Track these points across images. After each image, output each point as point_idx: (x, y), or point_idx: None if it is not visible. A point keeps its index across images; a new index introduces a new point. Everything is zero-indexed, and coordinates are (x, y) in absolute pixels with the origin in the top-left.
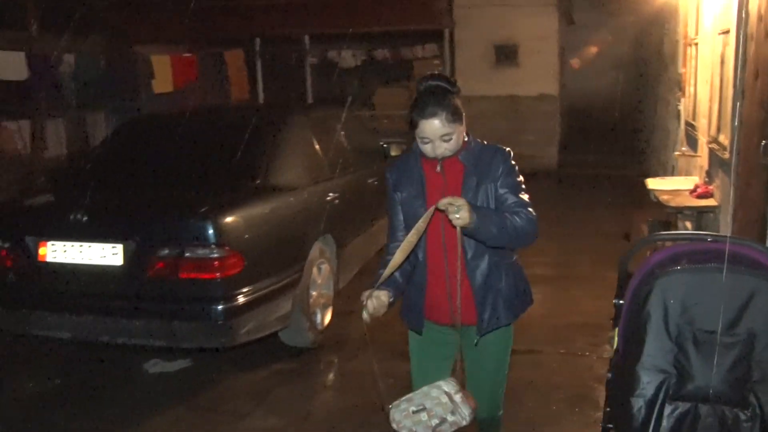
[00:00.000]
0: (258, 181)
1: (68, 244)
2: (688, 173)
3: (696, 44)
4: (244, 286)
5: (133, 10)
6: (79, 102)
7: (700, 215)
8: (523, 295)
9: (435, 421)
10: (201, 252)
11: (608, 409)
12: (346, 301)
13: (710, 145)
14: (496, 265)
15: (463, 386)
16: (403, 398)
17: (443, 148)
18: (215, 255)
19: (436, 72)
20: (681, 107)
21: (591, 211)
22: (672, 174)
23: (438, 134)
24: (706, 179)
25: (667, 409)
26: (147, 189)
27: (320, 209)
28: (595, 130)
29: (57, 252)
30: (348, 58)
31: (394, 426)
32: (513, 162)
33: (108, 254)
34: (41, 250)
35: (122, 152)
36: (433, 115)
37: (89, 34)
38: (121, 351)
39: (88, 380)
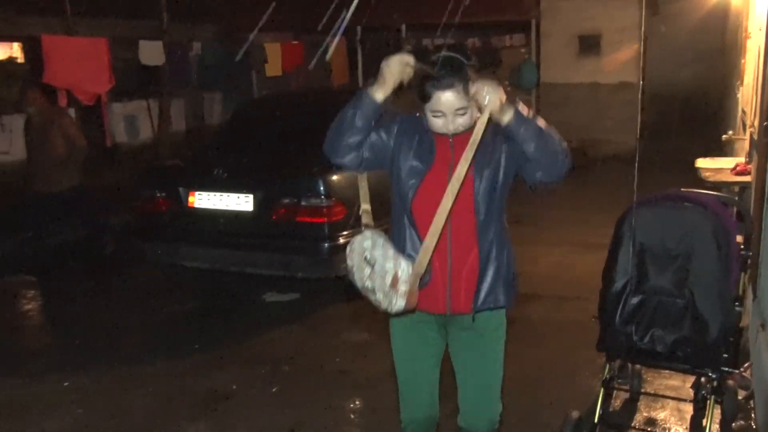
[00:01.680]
0: None
1: (211, 193)
2: (738, 156)
3: (750, 37)
4: (345, 230)
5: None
6: (200, 84)
7: (742, 190)
8: (514, 281)
9: (367, 284)
10: (313, 201)
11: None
12: None
13: (750, 129)
14: (500, 236)
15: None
16: (373, 239)
17: (457, 124)
18: (324, 204)
19: (454, 42)
20: (739, 95)
21: (647, 189)
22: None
23: (453, 107)
24: (747, 159)
25: (630, 299)
26: (271, 153)
27: None
28: (677, 117)
29: (202, 200)
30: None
31: (348, 249)
32: None
33: (242, 202)
34: (190, 198)
35: (249, 124)
36: (450, 86)
37: (209, 24)
38: (245, 283)
39: (218, 304)
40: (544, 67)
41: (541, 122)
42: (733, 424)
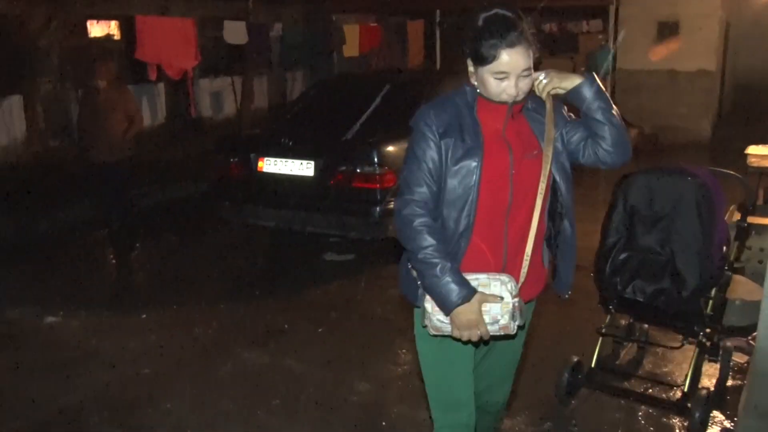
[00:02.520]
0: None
1: (278, 159)
2: None
3: None
4: (395, 196)
5: None
6: (282, 63)
7: None
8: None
9: (486, 318)
10: (368, 169)
11: None
12: None
13: None
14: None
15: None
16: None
17: (521, 86)
18: (377, 172)
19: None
20: None
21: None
22: None
23: (521, 67)
24: None
25: (618, 255)
26: (334, 125)
27: None
28: (760, 106)
29: (270, 165)
30: None
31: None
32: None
33: (304, 168)
34: (260, 164)
35: (317, 101)
36: (517, 42)
37: (297, 5)
38: (308, 244)
39: (282, 260)
40: (620, 53)
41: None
42: (728, 383)
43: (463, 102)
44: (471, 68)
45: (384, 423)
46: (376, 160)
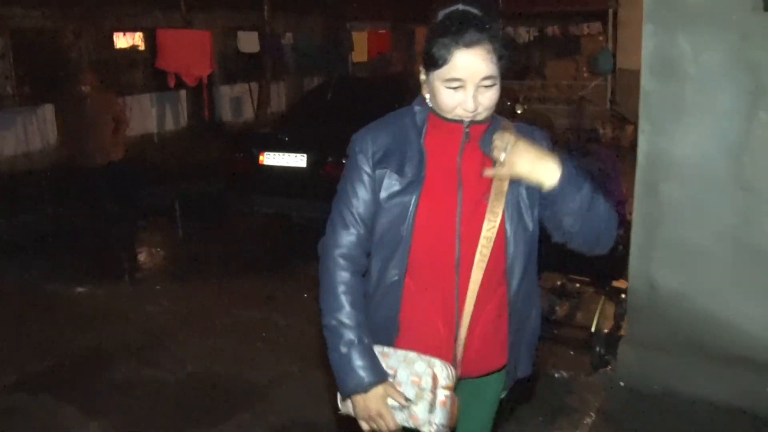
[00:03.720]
0: None
1: (276, 153)
2: None
3: None
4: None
5: None
6: (298, 70)
7: None
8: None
9: (392, 402)
10: None
11: None
12: None
13: None
14: (533, 282)
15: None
16: (379, 348)
17: (481, 101)
18: None
19: None
20: None
21: None
22: None
23: (481, 74)
24: None
25: None
26: (326, 123)
27: None
28: None
29: (269, 158)
30: (522, 34)
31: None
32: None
33: (297, 160)
34: (261, 157)
35: (315, 102)
36: (476, 42)
37: (309, 15)
38: (306, 229)
39: (282, 243)
40: (620, 54)
41: (589, 188)
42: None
43: (411, 123)
44: (422, 75)
45: None
46: None
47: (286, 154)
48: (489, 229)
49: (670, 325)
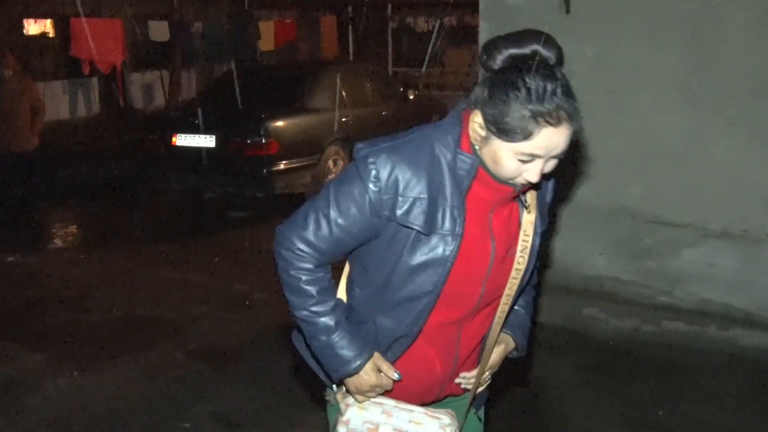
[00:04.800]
0: (296, 105)
1: (188, 135)
2: None
3: None
4: (280, 160)
5: None
6: (207, 58)
7: None
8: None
9: None
10: (255, 140)
11: None
12: None
13: None
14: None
15: None
16: (379, 405)
17: (544, 173)
18: (263, 141)
19: (540, 31)
20: None
21: None
22: None
23: (558, 151)
24: None
25: None
26: (233, 106)
27: (336, 125)
28: None
29: (181, 139)
30: (421, 23)
31: (342, 402)
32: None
33: (206, 140)
34: (174, 138)
35: (224, 87)
36: (566, 120)
37: (217, 4)
38: (217, 205)
39: (197, 217)
40: None
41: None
42: None
43: (449, 165)
44: (480, 130)
45: (247, 302)
46: (261, 132)
47: (196, 136)
48: (511, 287)
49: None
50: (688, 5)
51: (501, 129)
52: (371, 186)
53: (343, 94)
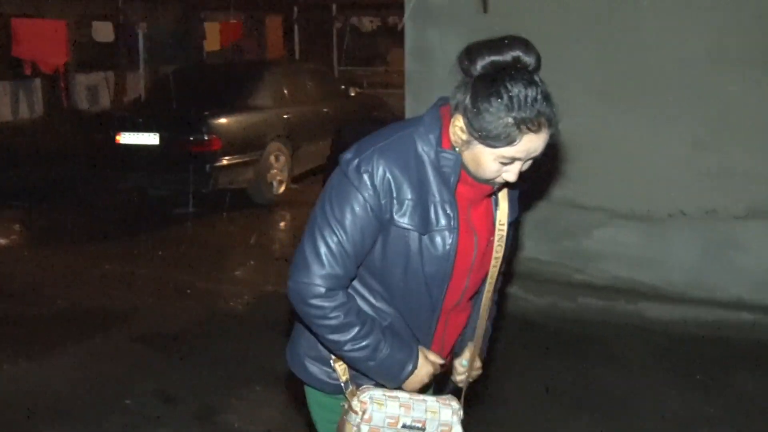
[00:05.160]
0: (239, 103)
1: (132, 133)
2: None
3: None
4: (223, 157)
5: None
6: (153, 58)
7: None
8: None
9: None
10: (199, 137)
11: None
12: (298, 183)
13: None
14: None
15: None
16: (394, 399)
17: (521, 173)
18: (206, 138)
19: (520, 37)
20: None
21: None
22: None
23: (536, 152)
24: None
25: None
26: (176, 105)
27: (278, 122)
28: None
29: (126, 137)
30: (366, 23)
31: (356, 402)
32: None
33: (151, 138)
34: (118, 137)
35: (168, 87)
36: (546, 125)
37: (162, 4)
38: (159, 202)
39: (142, 216)
40: None
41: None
42: None
43: (432, 164)
44: (462, 134)
45: (189, 291)
46: (204, 129)
47: (140, 134)
48: (492, 274)
49: None
50: (596, 6)
51: (484, 136)
52: (368, 194)
53: (285, 92)
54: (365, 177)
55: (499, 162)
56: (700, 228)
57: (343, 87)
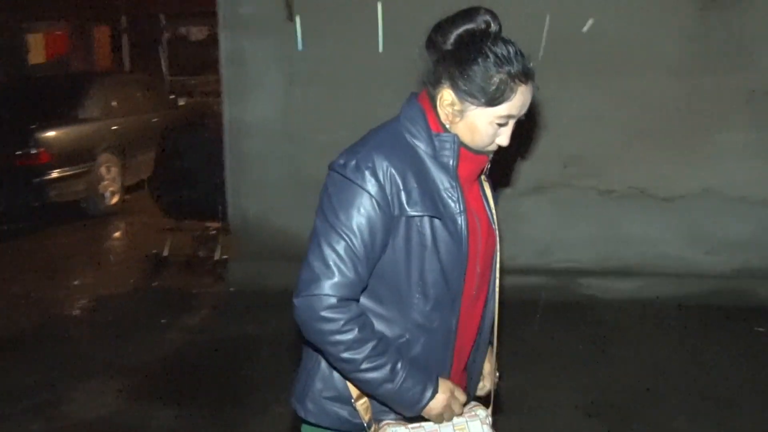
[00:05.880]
0: (66, 116)
1: None
2: None
3: None
4: (52, 169)
5: None
6: None
7: None
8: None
9: None
10: (26, 150)
11: None
12: (131, 194)
13: None
14: None
15: None
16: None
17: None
18: (33, 152)
19: (482, 6)
20: None
21: None
22: None
23: (526, 108)
24: None
25: None
26: (2, 120)
27: (107, 133)
28: None
29: None
30: (195, 32)
31: None
32: None
33: None
34: None
35: None
36: (533, 74)
37: None
38: None
39: None
40: None
41: None
42: None
43: (427, 148)
44: (452, 106)
45: (23, 301)
46: (31, 143)
47: None
48: (496, 257)
49: (259, 241)
50: (387, 11)
51: (480, 98)
52: (374, 189)
53: (114, 103)
54: (368, 173)
55: (496, 123)
56: None
57: (172, 97)
